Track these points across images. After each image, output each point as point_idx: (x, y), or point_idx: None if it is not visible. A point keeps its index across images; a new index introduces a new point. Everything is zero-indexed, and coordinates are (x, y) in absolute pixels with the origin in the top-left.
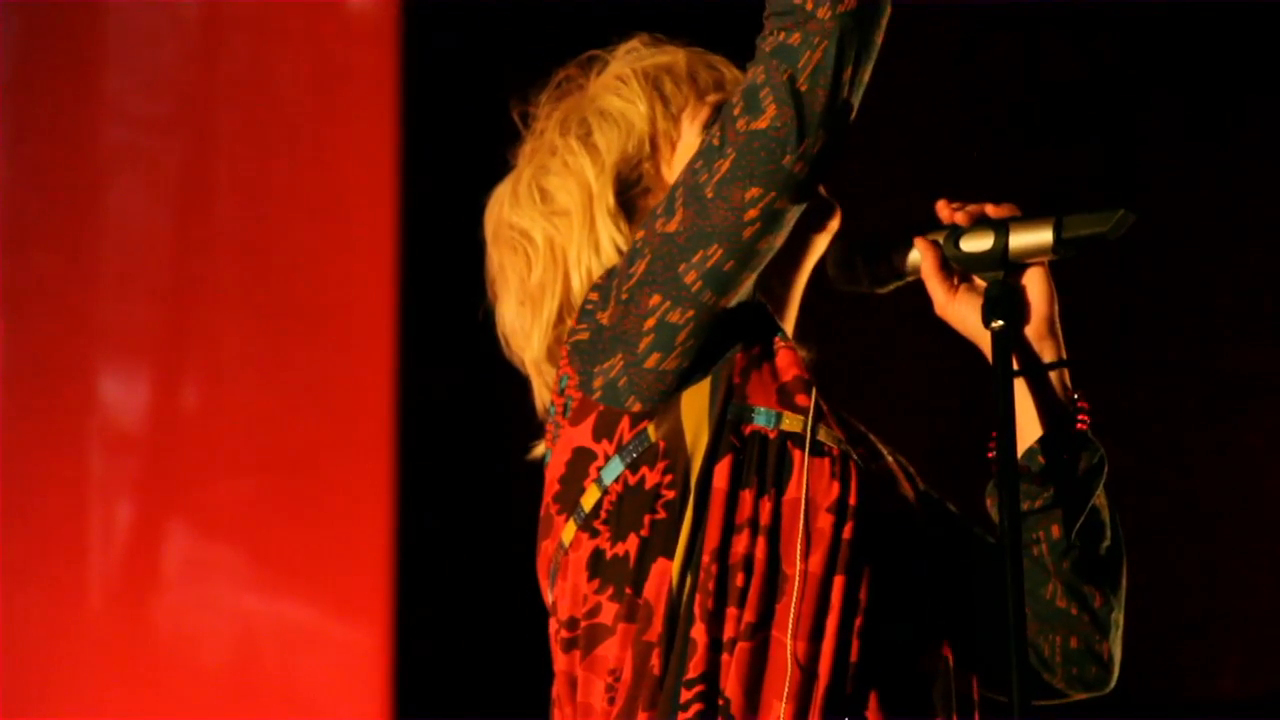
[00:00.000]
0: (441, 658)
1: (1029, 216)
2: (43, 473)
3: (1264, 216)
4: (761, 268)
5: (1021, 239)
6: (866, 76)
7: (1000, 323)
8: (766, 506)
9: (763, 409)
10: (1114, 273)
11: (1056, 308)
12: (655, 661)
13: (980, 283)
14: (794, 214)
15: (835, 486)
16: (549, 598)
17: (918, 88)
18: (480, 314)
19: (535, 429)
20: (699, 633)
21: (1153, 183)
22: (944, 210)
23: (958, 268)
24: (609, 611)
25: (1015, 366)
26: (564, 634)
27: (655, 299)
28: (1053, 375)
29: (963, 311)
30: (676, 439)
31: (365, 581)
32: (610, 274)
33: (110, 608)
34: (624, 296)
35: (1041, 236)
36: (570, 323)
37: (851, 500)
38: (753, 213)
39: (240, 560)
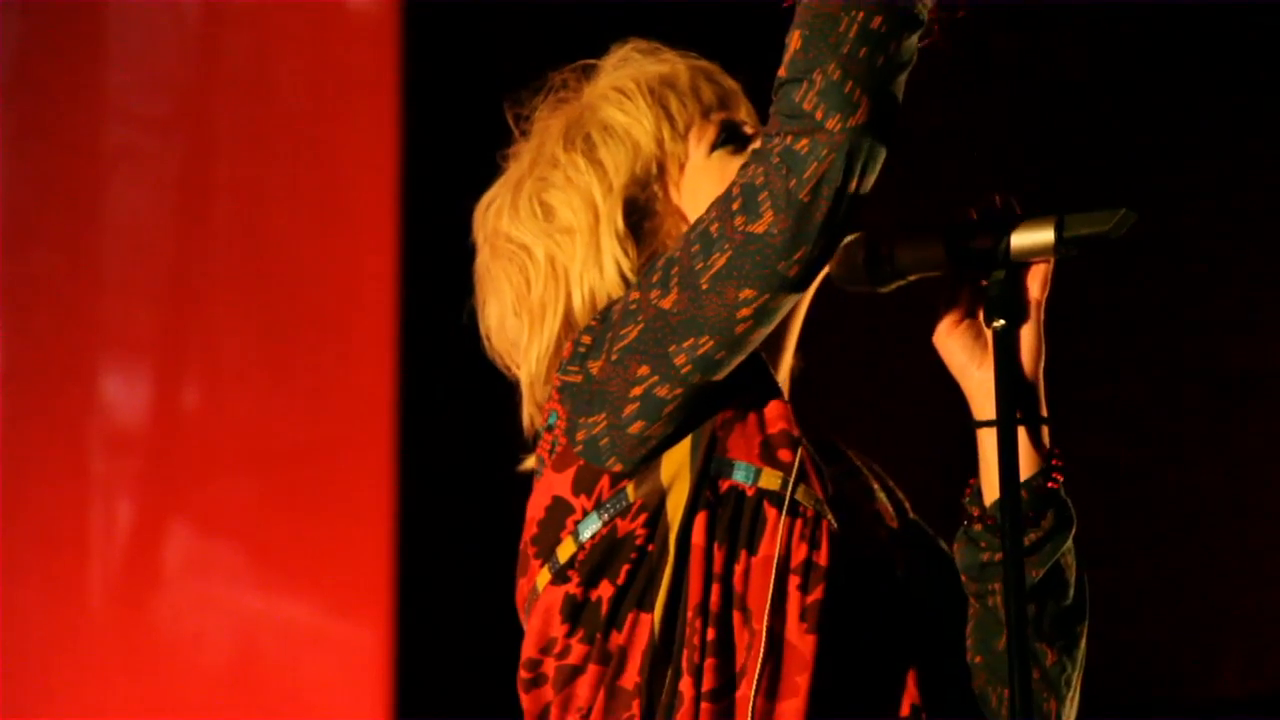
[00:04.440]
0: (441, 657)
1: (1030, 215)
2: (43, 472)
3: (1266, 214)
4: (754, 348)
5: (1023, 238)
6: (875, 176)
7: (1002, 322)
8: (738, 565)
9: (742, 464)
10: (1115, 271)
11: (1043, 363)
12: (635, 710)
13: (985, 326)
14: (788, 308)
15: (804, 548)
16: None
17: (918, 87)
18: (465, 315)
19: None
20: (686, 686)
21: (1154, 182)
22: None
23: (975, 305)
24: (578, 653)
25: (994, 417)
26: (524, 675)
27: (644, 370)
28: (1030, 430)
29: (954, 348)
30: (656, 496)
31: (366, 580)
32: (606, 317)
33: (110, 607)
34: (614, 357)
35: (1043, 235)
36: (568, 348)
37: (821, 561)
38: (746, 311)
39: (241, 559)
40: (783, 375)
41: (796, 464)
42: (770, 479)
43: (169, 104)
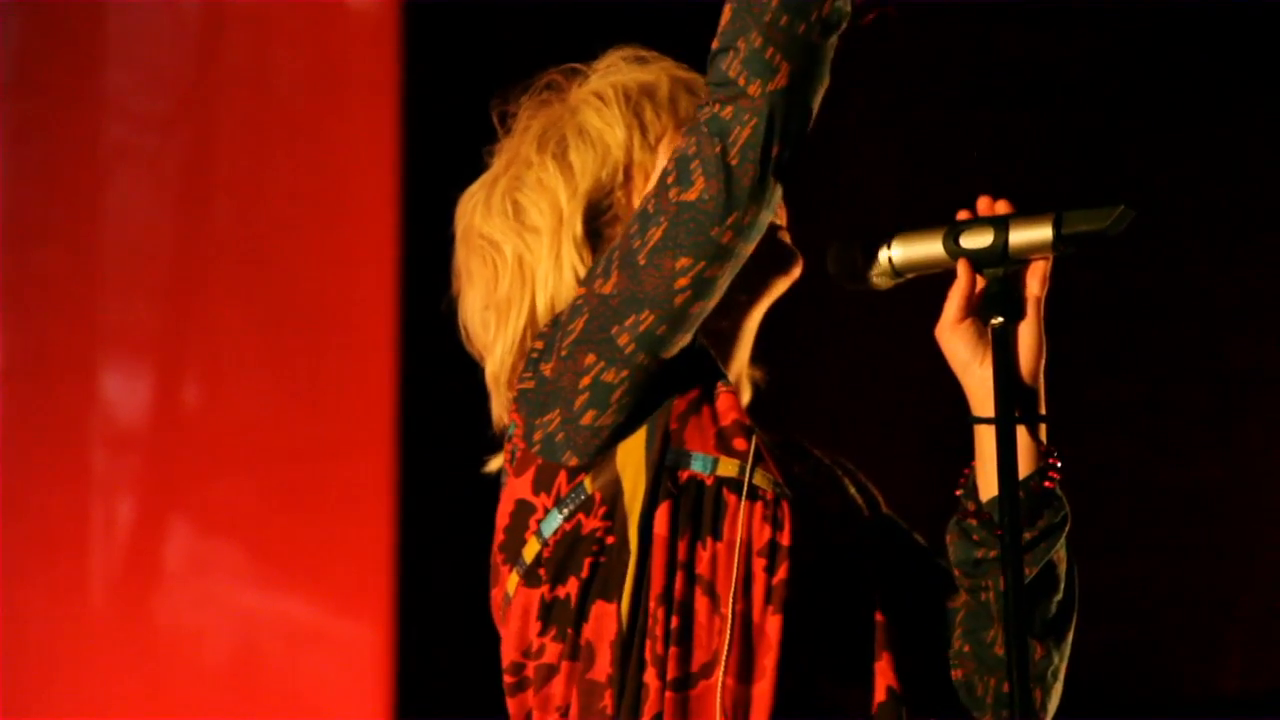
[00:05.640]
0: (441, 656)
1: (1029, 213)
2: (44, 470)
3: (1266, 212)
4: (696, 327)
5: (1022, 235)
6: (804, 138)
7: (1000, 319)
8: (703, 552)
9: (699, 454)
10: (1116, 268)
11: (1043, 361)
12: (607, 701)
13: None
14: (726, 279)
15: (766, 529)
16: None
17: (918, 85)
18: (444, 305)
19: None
20: (651, 677)
21: (1155, 180)
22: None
23: (978, 303)
24: (553, 651)
25: (992, 415)
26: (508, 679)
27: (591, 358)
28: (1028, 428)
29: (957, 344)
30: (613, 489)
31: (366, 579)
32: (555, 322)
33: (111, 605)
34: (563, 353)
35: (1041, 233)
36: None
37: (784, 541)
38: (683, 281)
39: (241, 558)
40: (734, 376)
41: (752, 450)
42: (727, 467)
43: (169, 103)
